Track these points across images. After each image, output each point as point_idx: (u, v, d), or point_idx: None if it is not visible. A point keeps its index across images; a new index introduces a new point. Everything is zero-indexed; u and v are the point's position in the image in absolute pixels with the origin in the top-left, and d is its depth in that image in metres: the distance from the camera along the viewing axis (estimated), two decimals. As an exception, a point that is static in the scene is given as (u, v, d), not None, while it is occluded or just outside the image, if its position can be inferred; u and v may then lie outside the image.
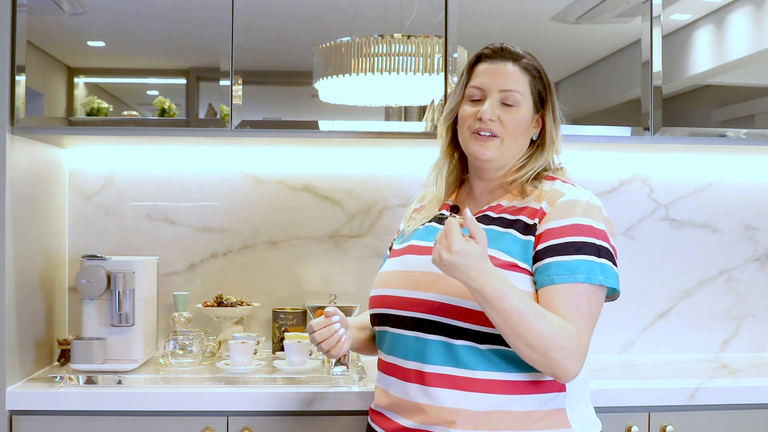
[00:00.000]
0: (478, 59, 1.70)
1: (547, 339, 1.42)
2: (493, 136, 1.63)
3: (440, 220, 1.71)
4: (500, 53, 1.67)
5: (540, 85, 1.68)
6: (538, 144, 1.70)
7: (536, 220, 1.56)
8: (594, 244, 1.52)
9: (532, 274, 1.54)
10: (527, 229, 1.56)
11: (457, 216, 1.51)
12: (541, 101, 1.68)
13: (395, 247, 1.75)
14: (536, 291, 1.52)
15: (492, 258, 1.51)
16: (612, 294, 1.57)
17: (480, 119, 1.63)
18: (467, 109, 1.67)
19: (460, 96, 1.71)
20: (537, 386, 1.52)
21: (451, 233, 1.40)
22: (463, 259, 1.39)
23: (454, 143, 1.75)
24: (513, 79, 1.65)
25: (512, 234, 1.56)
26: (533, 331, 1.41)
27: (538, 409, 1.52)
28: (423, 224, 1.73)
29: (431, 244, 1.62)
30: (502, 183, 1.67)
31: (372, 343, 1.78)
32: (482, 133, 1.63)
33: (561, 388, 1.54)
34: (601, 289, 1.52)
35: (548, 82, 1.69)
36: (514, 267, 1.52)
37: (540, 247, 1.53)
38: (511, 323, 1.42)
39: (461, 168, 1.77)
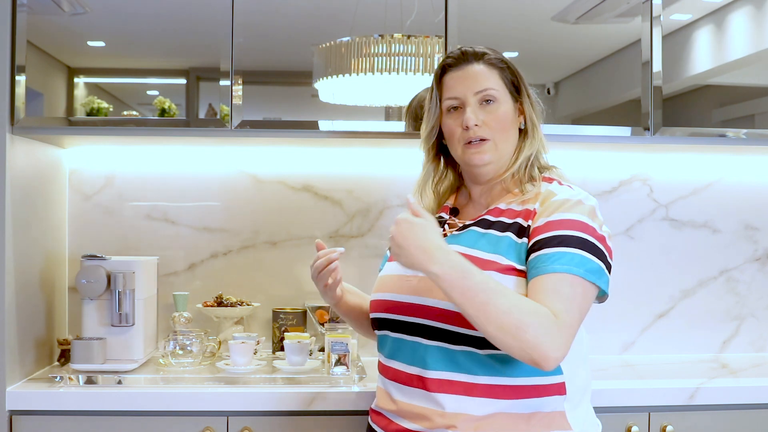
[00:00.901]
0: (444, 70, 1.69)
1: (516, 318, 1.37)
2: (484, 140, 1.63)
3: (439, 223, 1.71)
4: (463, 58, 1.67)
5: (510, 74, 1.67)
6: (524, 132, 1.69)
7: (529, 222, 1.56)
8: (578, 237, 1.49)
9: None
10: (522, 231, 1.56)
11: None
12: (516, 90, 1.68)
13: None
14: None
15: (492, 262, 1.52)
16: (602, 296, 1.54)
17: (467, 128, 1.63)
18: (451, 123, 1.67)
19: (437, 112, 1.70)
20: (537, 390, 1.52)
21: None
22: (411, 227, 1.41)
23: (438, 156, 1.76)
24: (483, 77, 1.65)
25: (509, 237, 1.56)
26: (500, 309, 1.37)
27: (538, 411, 1.52)
28: None
29: None
30: (500, 181, 1.67)
31: (360, 316, 1.80)
32: (473, 141, 1.63)
33: (561, 391, 1.54)
34: (584, 282, 1.47)
35: (516, 70, 1.69)
36: (512, 270, 1.52)
37: (529, 245, 1.53)
38: (477, 303, 1.38)
39: (456, 175, 1.78)
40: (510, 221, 1.59)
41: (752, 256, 2.70)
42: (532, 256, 1.51)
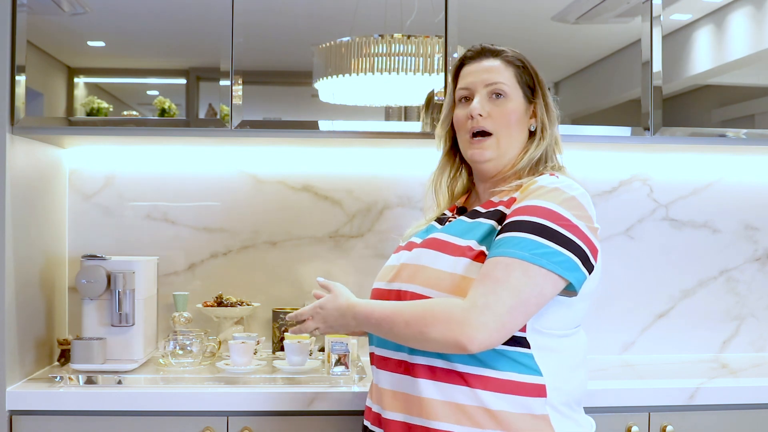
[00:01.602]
0: (462, 63, 1.73)
1: (417, 324, 1.47)
2: (487, 134, 1.65)
3: (441, 220, 1.74)
4: (481, 52, 1.70)
5: (527, 75, 1.69)
6: (534, 134, 1.70)
7: (509, 210, 1.57)
8: (533, 223, 1.48)
9: None
10: (503, 219, 1.56)
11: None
12: (531, 92, 1.69)
13: (400, 244, 1.77)
14: None
15: (467, 249, 1.54)
16: (571, 290, 1.50)
17: (472, 117, 1.65)
18: (460, 112, 1.70)
19: (451, 102, 1.74)
20: (517, 387, 1.51)
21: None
22: (321, 311, 1.67)
23: (453, 151, 1.78)
24: (496, 72, 1.67)
25: (490, 225, 1.57)
26: (403, 326, 1.49)
27: (521, 412, 1.50)
28: (426, 225, 1.75)
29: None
30: (503, 178, 1.68)
31: None
32: (476, 131, 1.65)
33: (541, 393, 1.51)
34: (527, 265, 1.45)
35: (535, 72, 1.70)
36: (482, 256, 1.53)
37: None
38: (386, 333, 1.55)
39: (468, 174, 1.80)
40: (494, 210, 1.60)
41: (752, 256, 2.70)
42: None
